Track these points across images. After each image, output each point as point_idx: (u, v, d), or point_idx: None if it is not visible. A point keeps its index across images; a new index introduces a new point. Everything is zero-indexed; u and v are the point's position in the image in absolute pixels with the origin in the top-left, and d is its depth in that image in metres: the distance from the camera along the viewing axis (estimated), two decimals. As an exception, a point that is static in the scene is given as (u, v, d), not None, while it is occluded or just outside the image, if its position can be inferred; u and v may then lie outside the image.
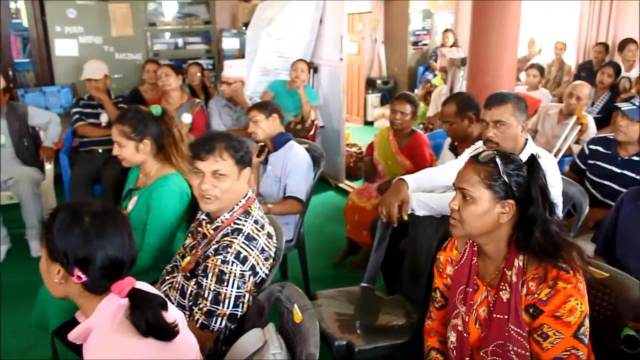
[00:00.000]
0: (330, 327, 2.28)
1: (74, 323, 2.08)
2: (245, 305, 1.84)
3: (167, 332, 1.37)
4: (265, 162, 3.21)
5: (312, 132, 4.66)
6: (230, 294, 1.80)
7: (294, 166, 3.11)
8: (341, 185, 5.14)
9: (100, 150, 4.26)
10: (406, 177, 2.36)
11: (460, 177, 1.63)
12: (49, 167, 4.17)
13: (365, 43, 7.81)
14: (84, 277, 1.35)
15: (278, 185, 3.14)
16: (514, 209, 1.56)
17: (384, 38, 8.05)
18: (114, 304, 1.38)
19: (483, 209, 1.56)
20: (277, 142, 3.18)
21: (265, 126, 3.13)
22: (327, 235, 4.18)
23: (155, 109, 2.41)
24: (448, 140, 3.27)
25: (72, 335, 1.41)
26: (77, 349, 2.23)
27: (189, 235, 2.11)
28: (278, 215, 2.69)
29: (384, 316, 2.47)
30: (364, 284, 2.68)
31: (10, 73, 5.18)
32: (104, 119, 4.27)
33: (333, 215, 4.47)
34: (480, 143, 2.58)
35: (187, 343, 1.50)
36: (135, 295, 1.37)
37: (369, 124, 7.76)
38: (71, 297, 1.43)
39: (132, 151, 2.37)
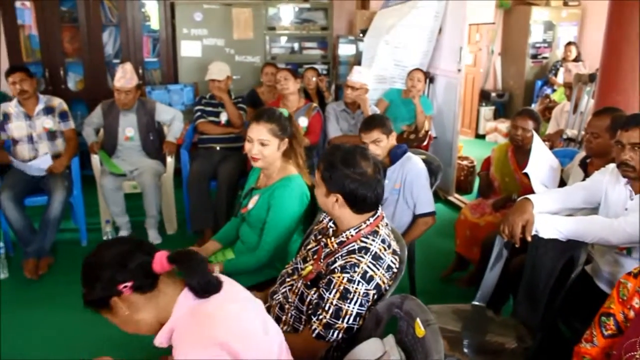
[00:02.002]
0: (439, 343, 2.22)
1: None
2: (363, 320, 1.82)
3: (216, 285, 1.44)
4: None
5: (425, 143, 4.59)
6: (352, 311, 1.79)
7: (414, 178, 3.07)
8: (450, 198, 5.03)
9: (218, 148, 4.42)
10: (532, 197, 2.26)
11: None
12: (170, 160, 4.38)
13: (482, 54, 7.61)
14: (129, 284, 1.39)
15: (396, 197, 3.12)
16: None
17: (501, 50, 7.81)
18: (190, 303, 1.43)
19: None
20: (395, 155, 3.14)
21: (385, 145, 3.09)
22: (435, 248, 4.10)
23: (283, 112, 2.46)
24: (579, 156, 3.09)
25: (157, 341, 1.45)
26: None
27: (313, 237, 2.12)
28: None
29: (495, 338, 2.38)
30: (476, 303, 2.59)
31: (140, 71, 5.52)
32: (223, 117, 4.43)
33: (441, 229, 4.36)
34: (612, 166, 2.42)
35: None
36: (175, 258, 1.42)
37: (480, 137, 7.55)
38: (144, 317, 1.45)
39: (274, 149, 2.40)
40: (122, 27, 5.51)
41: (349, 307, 1.78)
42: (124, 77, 4.11)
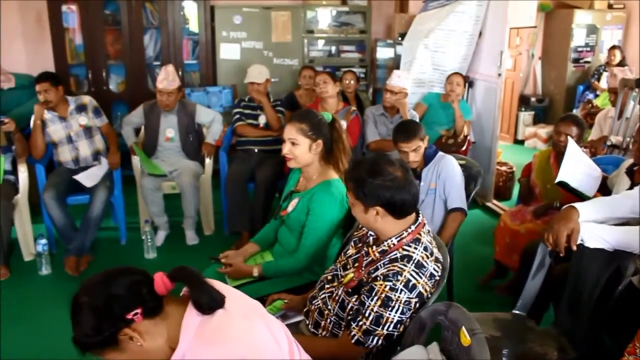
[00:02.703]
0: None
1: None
2: (403, 328, 1.81)
3: (220, 300, 1.38)
4: (417, 178, 3.20)
5: (464, 148, 4.53)
6: (393, 319, 1.77)
7: (448, 175, 3.09)
8: (489, 204, 4.96)
9: (256, 150, 4.44)
10: (577, 205, 2.20)
11: None
12: (208, 162, 4.42)
13: (522, 58, 7.48)
14: (138, 310, 1.33)
15: (433, 197, 3.13)
16: None
17: (541, 54, 7.67)
18: (195, 322, 1.37)
19: None
20: (428, 156, 3.18)
21: (423, 150, 3.12)
22: (472, 255, 4.04)
23: (327, 116, 2.46)
24: (625, 163, 3.01)
25: None
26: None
27: (352, 244, 2.11)
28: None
29: (536, 348, 2.33)
30: (517, 312, 2.54)
31: (180, 73, 5.59)
32: (262, 120, 4.45)
33: (478, 235, 4.32)
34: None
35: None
36: (176, 276, 1.38)
37: (519, 142, 7.43)
38: (157, 344, 1.37)
39: (305, 150, 2.40)
40: (162, 30, 5.59)
41: (390, 314, 1.77)
42: (167, 78, 4.17)
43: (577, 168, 3.03)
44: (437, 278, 1.88)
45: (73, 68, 5.53)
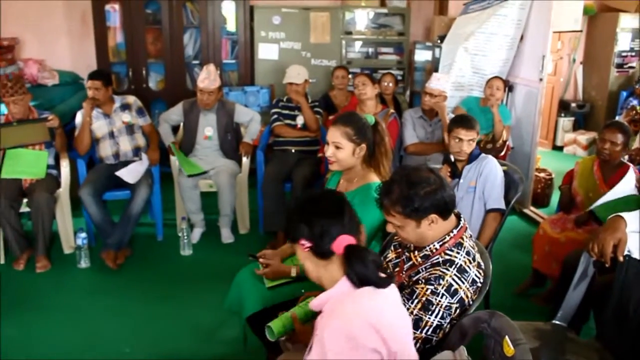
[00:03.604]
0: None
1: (267, 312, 2.21)
2: (442, 333, 1.79)
3: (377, 282, 1.51)
4: (457, 176, 3.19)
5: (502, 153, 4.46)
6: (432, 323, 1.77)
7: (490, 174, 3.10)
8: (526, 211, 4.87)
9: (293, 151, 4.46)
10: (625, 215, 2.15)
11: None
12: (245, 161, 4.44)
13: (562, 63, 7.34)
14: (307, 244, 1.55)
15: (472, 196, 3.13)
16: None
17: (583, 58, 7.50)
18: (349, 284, 1.52)
19: None
20: (472, 156, 3.21)
21: (473, 144, 3.14)
22: (509, 262, 3.96)
23: (370, 118, 2.45)
24: None
25: (314, 304, 1.59)
26: (264, 337, 2.36)
27: (392, 248, 2.09)
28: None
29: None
30: (557, 322, 2.49)
31: (219, 72, 5.63)
32: (299, 121, 4.46)
33: (516, 242, 4.25)
34: None
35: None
36: (349, 251, 1.52)
37: (558, 148, 7.29)
38: (311, 268, 1.61)
39: (349, 153, 2.38)
40: (202, 29, 5.65)
41: (429, 318, 1.76)
42: (208, 78, 4.21)
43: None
44: (479, 285, 1.85)
45: (114, 66, 5.62)
